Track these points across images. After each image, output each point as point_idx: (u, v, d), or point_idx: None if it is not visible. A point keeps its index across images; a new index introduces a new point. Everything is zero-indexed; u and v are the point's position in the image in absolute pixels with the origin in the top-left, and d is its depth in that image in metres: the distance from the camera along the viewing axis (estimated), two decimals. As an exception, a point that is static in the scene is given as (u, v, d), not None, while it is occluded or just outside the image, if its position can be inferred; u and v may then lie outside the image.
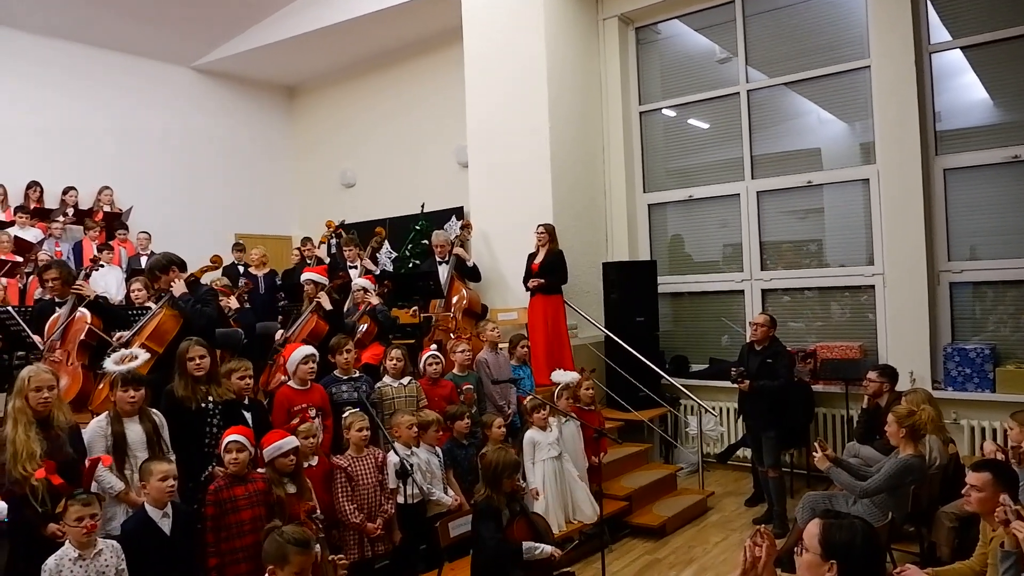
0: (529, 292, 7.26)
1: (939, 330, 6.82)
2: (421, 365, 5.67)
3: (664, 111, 8.70)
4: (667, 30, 8.69)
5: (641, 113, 8.74)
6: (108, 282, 7.72)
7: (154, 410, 4.01)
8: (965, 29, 6.83)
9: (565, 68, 8.13)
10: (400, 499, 4.50)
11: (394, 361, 5.37)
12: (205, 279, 5.43)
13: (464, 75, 8.47)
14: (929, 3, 6.96)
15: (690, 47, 8.61)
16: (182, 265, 4.95)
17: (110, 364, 3.86)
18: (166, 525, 3.55)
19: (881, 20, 7.02)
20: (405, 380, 5.40)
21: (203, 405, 4.20)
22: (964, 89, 6.97)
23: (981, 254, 6.76)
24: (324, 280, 6.03)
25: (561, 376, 5.89)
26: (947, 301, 6.85)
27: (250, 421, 4.44)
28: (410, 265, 8.65)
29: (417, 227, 8.95)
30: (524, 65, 7.97)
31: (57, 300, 5.26)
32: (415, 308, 6.75)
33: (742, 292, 7.99)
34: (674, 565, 5.48)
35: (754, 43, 8.00)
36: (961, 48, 6.88)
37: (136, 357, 3.93)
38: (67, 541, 3.22)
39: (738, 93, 8.06)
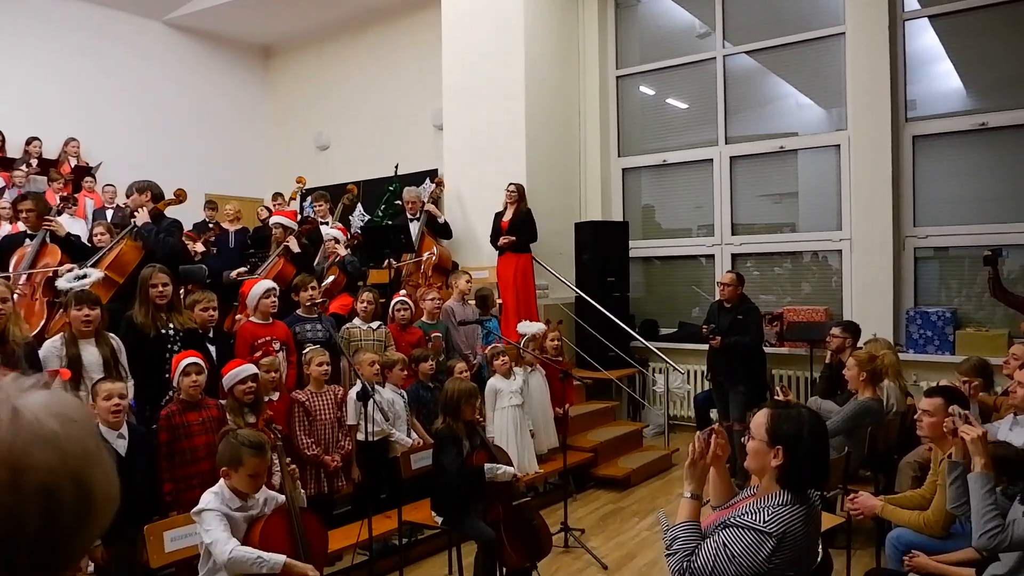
0: (498, 251, 7.25)
1: (903, 294, 6.93)
2: (390, 311, 5.64)
3: (642, 89, 8.70)
4: (646, -4, 8.69)
5: (618, 78, 8.74)
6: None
7: (111, 334, 3.95)
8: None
9: (543, 30, 8.09)
10: (360, 436, 4.47)
11: (365, 304, 5.34)
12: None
13: (441, 37, 8.40)
14: (903, -28, 7.03)
15: (668, 17, 8.61)
16: (158, 196, 4.88)
17: (63, 283, 3.78)
18: (121, 446, 3.50)
19: (856, -12, 7.08)
20: (374, 324, 5.37)
21: (163, 332, 4.14)
22: (938, 77, 7.05)
23: (946, 220, 6.86)
24: (293, 224, 5.97)
25: (527, 327, 5.90)
26: (911, 266, 6.96)
27: (214, 353, 4.41)
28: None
29: (391, 188, 8.87)
30: (501, 27, 7.92)
31: (28, 233, 5.15)
32: (389, 260, 6.65)
33: (712, 257, 8.05)
34: (637, 512, 5.54)
35: (732, 12, 8.01)
36: (931, 17, 6.95)
37: (89, 275, 3.85)
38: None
39: (715, 58, 8.08)
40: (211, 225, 7.12)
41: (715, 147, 8.04)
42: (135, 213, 4.74)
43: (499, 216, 7.29)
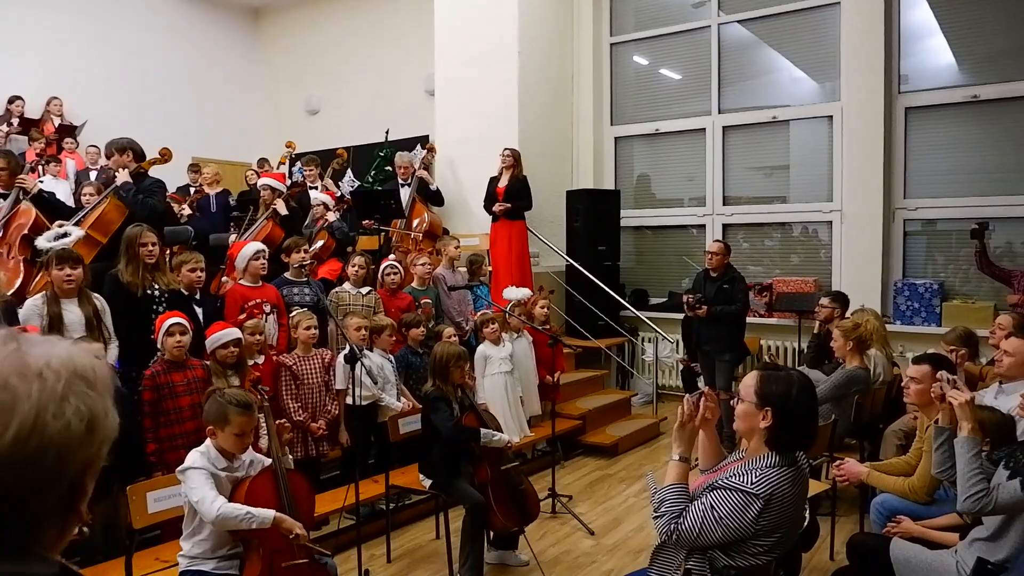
0: (492, 217, 7.19)
1: (891, 266, 6.95)
2: (380, 275, 5.59)
3: (636, 59, 8.59)
4: (641, -38, 8.54)
5: (612, 45, 8.62)
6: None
7: (95, 294, 3.89)
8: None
9: (537, -5, 7.97)
10: (349, 400, 4.46)
11: (356, 268, 5.29)
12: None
13: (434, 1, 8.25)
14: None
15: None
16: (139, 155, 4.78)
17: (43, 241, 3.71)
18: (102, 407, 3.46)
19: (853, -44, 6.98)
20: (364, 289, 5.33)
21: (149, 292, 4.09)
22: (931, 51, 6.99)
23: (936, 193, 6.86)
24: (281, 186, 5.89)
25: (513, 293, 5.86)
26: (900, 238, 6.97)
27: (201, 315, 4.36)
28: (372, 192, 8.49)
29: (381, 154, 8.76)
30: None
31: (1, 192, 5.05)
32: (371, 222, 6.57)
33: (703, 227, 8.03)
34: (624, 479, 5.58)
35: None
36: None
37: (70, 234, 3.77)
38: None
39: (709, 27, 7.98)
40: (192, 189, 7.01)
41: (708, 117, 7.98)
42: (118, 170, 4.65)
43: (494, 181, 7.20)
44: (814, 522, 3.44)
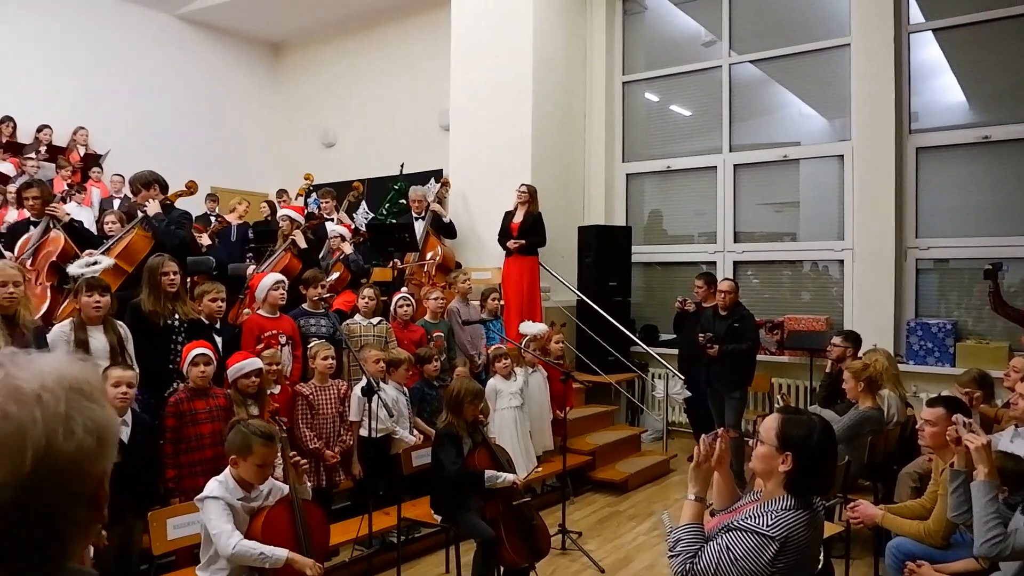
0: (506, 252, 7.27)
1: (904, 305, 6.95)
2: (392, 307, 5.65)
3: (647, 95, 8.74)
4: (653, 3, 8.70)
5: (624, 83, 8.77)
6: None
7: (120, 322, 3.97)
8: (942, 13, 6.95)
9: (551, 34, 8.13)
10: (364, 432, 4.49)
11: (366, 300, 5.36)
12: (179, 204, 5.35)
13: (450, 38, 8.44)
14: (910, -15, 7.07)
15: (676, 25, 8.65)
16: (164, 186, 4.91)
17: (75, 268, 3.80)
18: (124, 433, 3.52)
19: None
20: (375, 320, 5.39)
21: (169, 322, 4.16)
22: (941, 90, 7.09)
23: (948, 232, 6.89)
24: (300, 218, 5.99)
25: (529, 328, 5.90)
26: (913, 277, 6.99)
27: (220, 344, 4.43)
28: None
29: (395, 187, 8.89)
30: (510, 28, 7.94)
31: (32, 219, 5.18)
32: (394, 261, 6.68)
33: (714, 264, 8.08)
34: (634, 516, 5.55)
35: (738, 21, 8.04)
36: (936, 30, 6.99)
37: (100, 262, 3.87)
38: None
39: (720, 67, 8.12)
40: (213, 218, 7.14)
41: (719, 155, 8.08)
42: (146, 203, 4.77)
43: (509, 216, 7.29)
44: (828, 564, 3.42)
